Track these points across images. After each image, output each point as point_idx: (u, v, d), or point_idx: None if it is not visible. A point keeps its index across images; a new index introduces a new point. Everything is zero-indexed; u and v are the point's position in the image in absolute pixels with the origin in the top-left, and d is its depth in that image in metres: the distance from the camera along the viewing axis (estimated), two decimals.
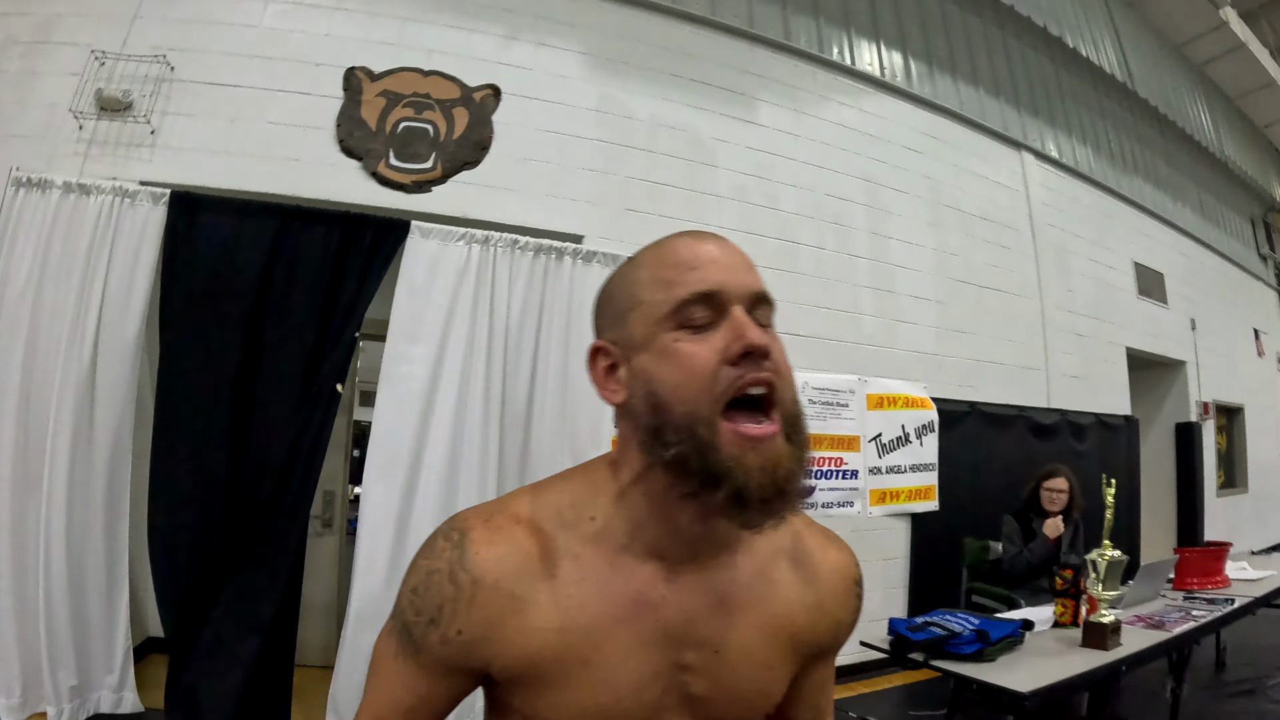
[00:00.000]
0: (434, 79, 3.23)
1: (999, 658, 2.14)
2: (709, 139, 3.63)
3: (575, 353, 2.96)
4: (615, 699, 0.63)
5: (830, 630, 0.73)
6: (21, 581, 2.61)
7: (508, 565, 0.62)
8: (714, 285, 0.58)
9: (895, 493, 3.93)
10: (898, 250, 4.13)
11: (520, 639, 0.62)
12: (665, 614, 0.64)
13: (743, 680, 0.67)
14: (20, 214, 2.80)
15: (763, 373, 0.57)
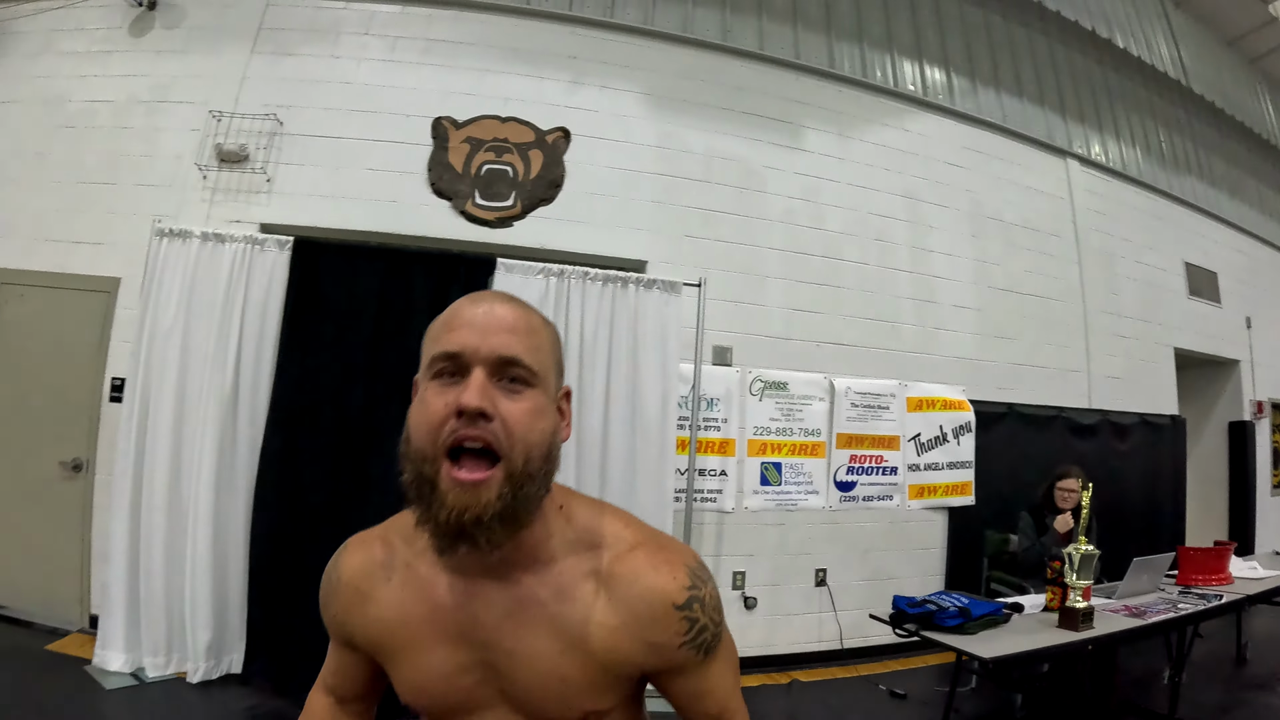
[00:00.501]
0: (511, 124, 3.68)
1: (980, 632, 2.56)
2: (759, 167, 3.99)
3: (641, 372, 3.37)
4: (428, 680, 0.78)
5: (642, 651, 0.75)
6: (172, 565, 3.17)
7: (360, 570, 0.83)
8: (458, 347, 0.68)
9: (933, 488, 4.25)
10: (938, 262, 4.40)
11: (365, 624, 0.82)
12: (459, 617, 0.76)
13: (535, 684, 0.75)
14: (165, 260, 3.31)
15: (474, 430, 0.66)
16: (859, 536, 4.04)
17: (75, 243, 3.93)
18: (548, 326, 0.76)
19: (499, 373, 0.68)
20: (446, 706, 0.80)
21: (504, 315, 0.71)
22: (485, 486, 0.66)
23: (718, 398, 3.75)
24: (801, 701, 3.40)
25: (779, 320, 3.92)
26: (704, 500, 3.72)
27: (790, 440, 3.88)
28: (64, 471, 3.73)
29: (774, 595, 3.88)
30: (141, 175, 3.91)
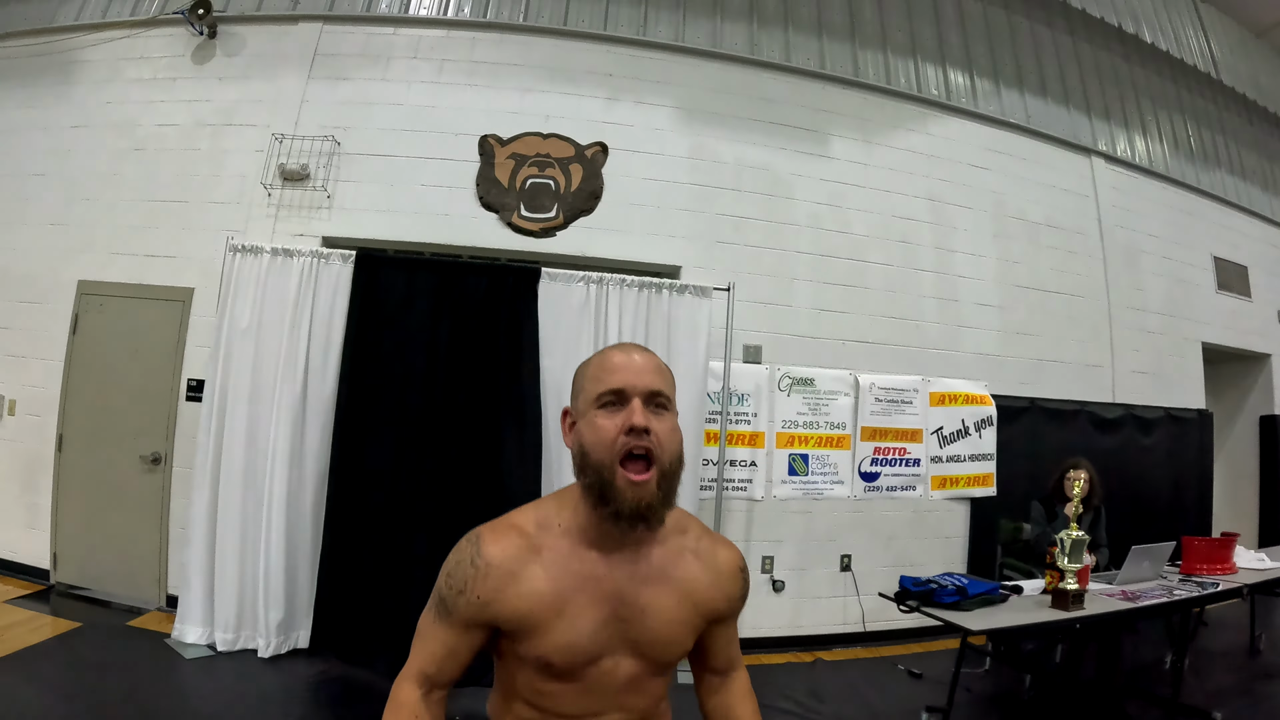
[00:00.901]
0: (552, 140, 4.05)
1: (976, 609, 2.87)
2: (787, 175, 4.31)
3: (674, 364, 3.66)
4: (577, 638, 1.02)
5: (724, 600, 1.13)
6: (246, 548, 3.59)
7: (506, 554, 1.02)
8: (620, 385, 0.98)
9: (955, 479, 4.54)
10: (962, 262, 4.68)
11: (516, 600, 1.01)
12: (605, 585, 1.03)
13: (661, 629, 1.06)
14: (239, 272, 3.73)
15: (642, 442, 0.96)
16: (883, 525, 4.36)
17: (150, 256, 4.39)
18: (668, 369, 1.08)
19: (649, 401, 0.99)
20: (584, 658, 1.03)
21: (648, 362, 1.03)
22: (649, 483, 0.97)
23: (748, 393, 4.09)
24: (824, 678, 3.70)
25: (806, 320, 4.25)
26: (735, 489, 4.06)
27: (817, 433, 4.21)
28: (144, 465, 4.20)
29: (801, 579, 4.21)
30: (210, 193, 4.35)
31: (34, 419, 4.41)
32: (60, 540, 4.30)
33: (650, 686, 1.10)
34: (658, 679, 1.11)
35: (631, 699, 1.08)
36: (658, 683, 1.12)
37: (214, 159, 4.38)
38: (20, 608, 3.84)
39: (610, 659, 1.05)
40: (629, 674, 1.06)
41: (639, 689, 1.09)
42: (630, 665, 1.06)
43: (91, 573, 4.25)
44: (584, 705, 1.06)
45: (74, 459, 4.32)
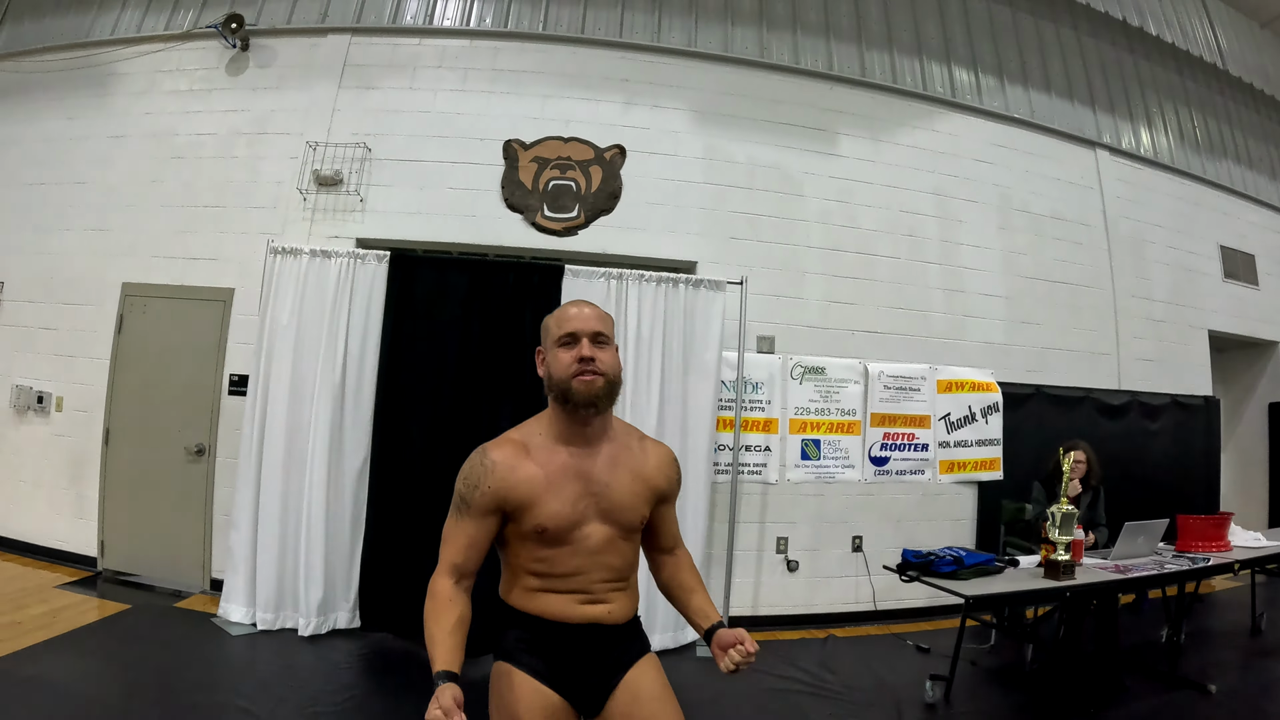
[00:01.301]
0: (573, 144, 4.38)
1: (972, 579, 3.15)
2: (797, 173, 4.62)
3: (691, 360, 4.03)
4: (561, 507, 1.42)
5: (664, 480, 1.57)
6: (285, 532, 3.91)
7: (506, 455, 1.45)
8: (573, 329, 1.45)
9: (962, 463, 4.84)
10: (967, 254, 4.97)
11: (517, 486, 1.42)
12: (579, 469, 1.46)
13: (622, 498, 1.48)
14: (279, 273, 4.06)
15: (589, 367, 1.42)
16: (892, 507, 4.66)
17: (191, 259, 4.74)
18: (608, 315, 1.55)
19: (594, 340, 1.46)
20: (569, 523, 1.45)
21: (593, 313, 1.50)
22: (596, 380, 1.43)
23: (762, 381, 4.41)
24: (835, 652, 3.99)
25: (817, 311, 4.56)
26: (750, 473, 4.38)
27: (828, 419, 4.52)
28: (188, 456, 4.56)
29: (814, 559, 4.52)
30: (248, 199, 4.70)
31: (82, 415, 4.77)
32: (107, 529, 4.65)
33: (621, 548, 1.50)
34: (626, 543, 1.51)
35: (607, 558, 1.48)
36: (627, 546, 1.52)
37: (250, 166, 4.73)
38: (70, 591, 4.18)
39: (588, 525, 1.45)
40: (603, 537, 1.46)
41: (613, 549, 1.48)
42: (603, 530, 1.46)
43: (137, 559, 4.60)
44: (573, 565, 1.45)
45: (120, 452, 4.68)
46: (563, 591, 1.46)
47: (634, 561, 1.56)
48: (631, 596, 1.56)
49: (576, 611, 1.46)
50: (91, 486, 4.70)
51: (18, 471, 4.92)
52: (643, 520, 1.54)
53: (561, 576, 1.46)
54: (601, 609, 1.48)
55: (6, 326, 5.10)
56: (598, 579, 1.47)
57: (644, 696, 1.49)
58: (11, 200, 5.24)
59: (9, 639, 3.42)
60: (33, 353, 4.96)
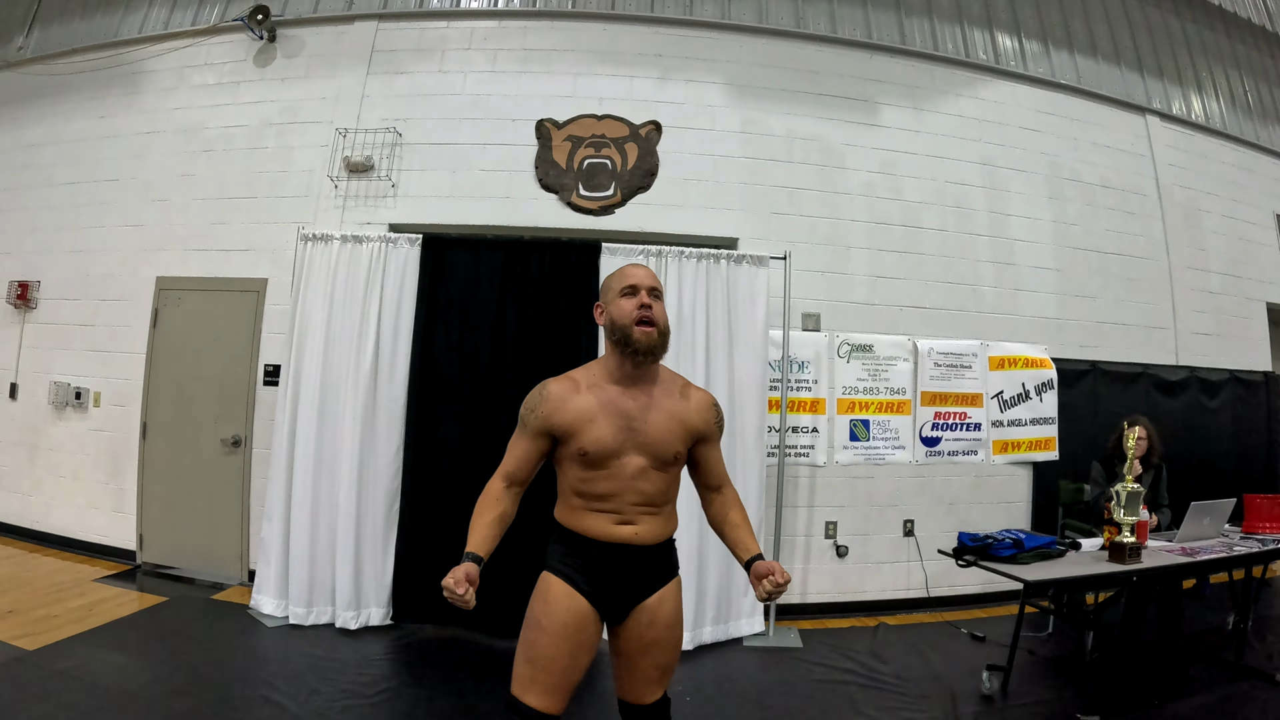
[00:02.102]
0: (607, 121, 4.23)
1: (1032, 563, 2.96)
2: (838, 145, 4.44)
3: (736, 340, 3.87)
4: (602, 435, 1.65)
5: (702, 422, 1.76)
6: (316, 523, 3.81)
7: (562, 390, 1.70)
8: (634, 282, 1.71)
9: (1016, 443, 4.61)
10: (1017, 225, 4.75)
11: (566, 414, 1.67)
12: (621, 405, 1.68)
13: (658, 434, 1.68)
14: (311, 260, 3.97)
15: (647, 313, 1.67)
16: (945, 490, 4.45)
17: (224, 251, 4.68)
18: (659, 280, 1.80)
19: (651, 293, 1.70)
20: (608, 450, 1.66)
21: (650, 273, 1.75)
22: (652, 332, 1.67)
23: (808, 360, 4.23)
24: (887, 641, 3.81)
25: (863, 287, 4.37)
26: (797, 455, 4.20)
27: (877, 399, 4.33)
28: (225, 448, 4.49)
29: (864, 544, 4.33)
30: (279, 188, 4.63)
31: (119, 409, 4.74)
32: (146, 522, 4.61)
33: (654, 478, 1.69)
34: (660, 474, 1.69)
35: (641, 484, 1.67)
36: (660, 477, 1.70)
37: (281, 156, 4.66)
38: (108, 585, 4.15)
39: (626, 455, 1.66)
40: (638, 466, 1.67)
41: (646, 477, 1.68)
42: (638, 460, 1.67)
43: (176, 552, 4.56)
44: (610, 487, 1.67)
45: (157, 445, 4.64)
46: (600, 510, 1.67)
47: (667, 491, 1.73)
48: (661, 523, 1.73)
49: (609, 530, 1.67)
50: (130, 480, 4.67)
51: (57, 467, 4.91)
52: (678, 456, 1.71)
53: (599, 497, 1.67)
54: (630, 530, 1.67)
55: (44, 324, 5.10)
56: (630, 501, 1.67)
57: (660, 621, 1.71)
58: (47, 200, 5.25)
59: (43, 632, 3.38)
60: (69, 349, 4.95)
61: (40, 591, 3.95)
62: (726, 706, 3.01)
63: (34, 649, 3.16)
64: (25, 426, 5.04)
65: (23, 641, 3.24)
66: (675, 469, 1.73)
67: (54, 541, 4.82)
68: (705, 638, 3.71)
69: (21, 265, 5.21)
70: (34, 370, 5.07)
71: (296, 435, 3.90)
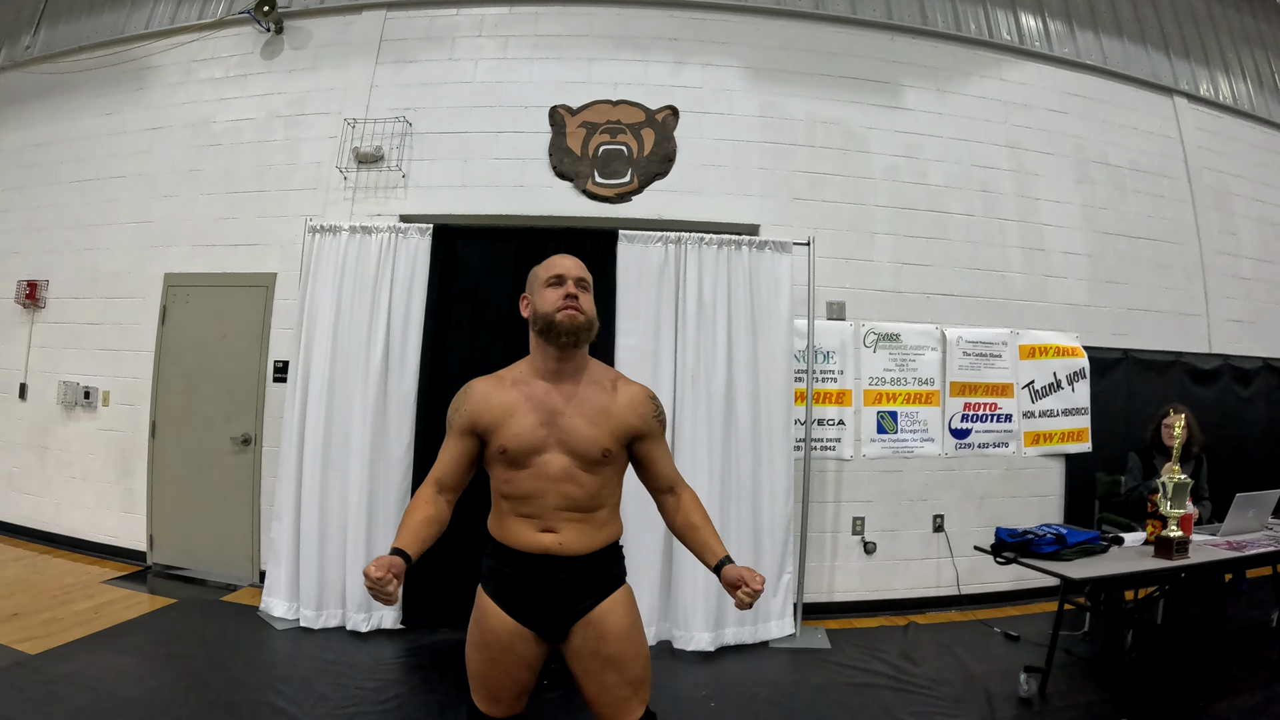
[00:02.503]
0: (622, 107, 4.08)
1: (1076, 559, 2.77)
2: (860, 128, 4.26)
3: (759, 329, 3.70)
4: (521, 430, 1.54)
5: (637, 417, 1.62)
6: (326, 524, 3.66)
7: (486, 387, 1.60)
8: (560, 272, 1.59)
9: (1048, 435, 4.43)
10: (1046, 210, 4.56)
11: (490, 408, 1.56)
12: (544, 400, 1.56)
13: (581, 431, 1.55)
14: (319, 253, 3.82)
15: (571, 304, 1.55)
16: (975, 483, 4.27)
17: (232, 246, 4.55)
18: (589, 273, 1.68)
19: (579, 283, 1.59)
20: (527, 446, 1.54)
21: (577, 264, 1.64)
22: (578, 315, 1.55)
23: (833, 350, 4.06)
24: (917, 641, 3.63)
25: (889, 274, 4.19)
26: (823, 449, 4.03)
27: (905, 389, 4.15)
28: (234, 446, 4.36)
29: (892, 540, 4.15)
30: (287, 181, 4.50)
31: (127, 408, 4.62)
32: (156, 523, 4.49)
33: (581, 479, 1.55)
34: (588, 475, 1.55)
35: (565, 486, 1.54)
36: (589, 479, 1.56)
37: (289, 148, 4.53)
38: (117, 586, 4.03)
39: (548, 452, 1.53)
40: (561, 466, 1.53)
41: (571, 479, 1.54)
42: (562, 459, 1.53)
43: (187, 552, 4.43)
44: (531, 487, 1.53)
45: (167, 444, 4.51)
46: (522, 515, 1.55)
47: (597, 495, 1.58)
48: (592, 530, 1.58)
49: (533, 539, 1.54)
50: (139, 480, 4.55)
51: (67, 467, 4.80)
52: (607, 454, 1.57)
53: (521, 499, 1.55)
54: (552, 538, 1.53)
55: (53, 324, 4.99)
56: (553, 505, 1.53)
57: (610, 634, 1.56)
58: (55, 199, 5.15)
59: (46, 635, 3.26)
60: (78, 348, 4.84)
61: (47, 594, 3.83)
62: (753, 711, 2.84)
63: (36, 653, 3.04)
64: (35, 427, 4.94)
65: (26, 645, 3.12)
66: (607, 469, 1.59)
67: (64, 543, 4.71)
68: (728, 639, 3.54)
69: (30, 264, 5.11)
70: (43, 370, 4.96)
71: (305, 433, 3.75)
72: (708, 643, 3.47)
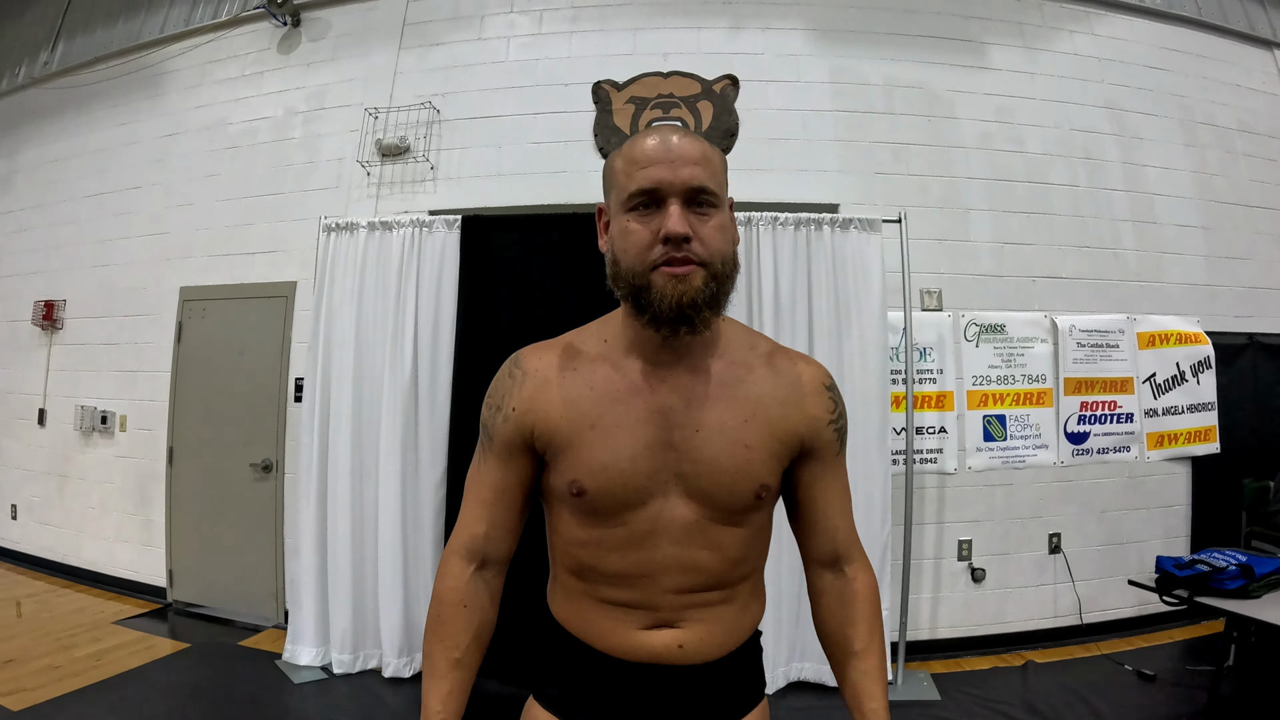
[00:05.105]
0: (674, 79, 3.35)
1: (1265, 594, 2.03)
2: (945, 92, 3.47)
3: (846, 324, 2.95)
4: (613, 458, 0.81)
5: (806, 423, 0.87)
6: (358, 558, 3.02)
7: (542, 363, 0.88)
8: (653, 183, 0.78)
9: (1174, 435, 3.59)
10: (1153, 178, 3.73)
11: (550, 407, 0.84)
12: (651, 399, 0.83)
13: (721, 454, 0.82)
14: (335, 255, 3.18)
15: (679, 253, 0.77)
16: (1094, 495, 3.45)
17: (250, 254, 3.92)
18: (716, 151, 0.83)
19: (691, 200, 0.78)
20: (624, 490, 0.81)
21: (688, 149, 0.79)
22: (692, 276, 0.77)
23: (930, 346, 3.27)
24: (1039, 685, 2.87)
25: (988, 256, 3.39)
26: (923, 461, 3.24)
27: (1013, 389, 3.34)
28: (255, 473, 3.70)
29: (1003, 565, 3.35)
30: (306, 181, 3.85)
31: (145, 433, 4.02)
32: (175, 557, 3.87)
33: (718, 539, 0.83)
34: (727, 532, 0.84)
35: (693, 553, 0.83)
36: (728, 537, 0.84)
37: (309, 145, 3.88)
38: (130, 628, 3.44)
39: (660, 500, 0.82)
40: (685, 521, 0.82)
41: (702, 539, 0.83)
42: (686, 510, 0.82)
43: (207, 589, 3.79)
44: (630, 561, 0.82)
45: (185, 472, 3.88)
46: (614, 603, 0.84)
47: (741, 562, 0.87)
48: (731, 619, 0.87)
49: (634, 642, 0.84)
50: (158, 511, 3.93)
51: (86, 497, 4.21)
52: (763, 493, 0.84)
53: (612, 578, 0.84)
54: (669, 637, 0.84)
55: (70, 345, 4.41)
56: (670, 588, 0.83)
57: None
58: (72, 214, 4.59)
59: (37, 687, 2.67)
60: (95, 371, 4.25)
61: (51, 637, 3.24)
62: None
63: (19, 709, 2.46)
64: (55, 454, 4.36)
65: (10, 700, 2.54)
66: (758, 516, 0.87)
67: (85, 576, 4.12)
68: (807, 674, 2.84)
69: (48, 284, 4.55)
70: (62, 394, 4.38)
71: (329, 458, 3.10)
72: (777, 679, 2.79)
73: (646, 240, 0.78)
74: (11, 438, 4.58)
